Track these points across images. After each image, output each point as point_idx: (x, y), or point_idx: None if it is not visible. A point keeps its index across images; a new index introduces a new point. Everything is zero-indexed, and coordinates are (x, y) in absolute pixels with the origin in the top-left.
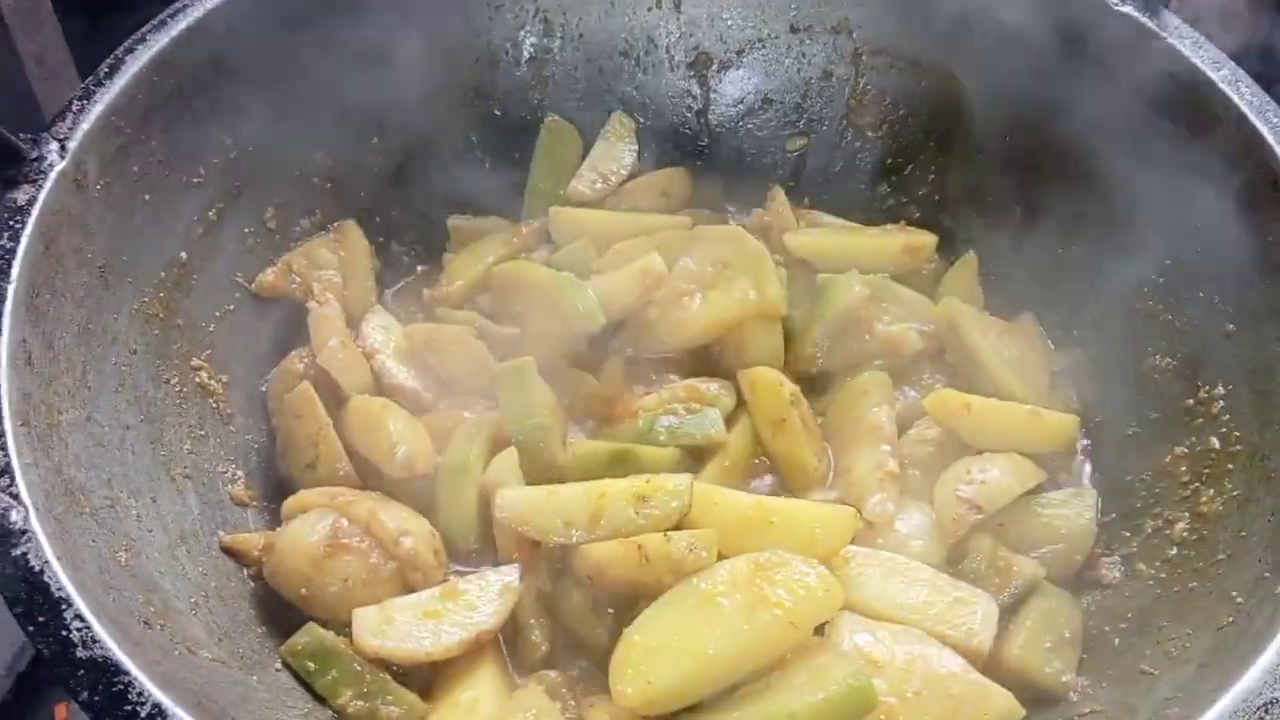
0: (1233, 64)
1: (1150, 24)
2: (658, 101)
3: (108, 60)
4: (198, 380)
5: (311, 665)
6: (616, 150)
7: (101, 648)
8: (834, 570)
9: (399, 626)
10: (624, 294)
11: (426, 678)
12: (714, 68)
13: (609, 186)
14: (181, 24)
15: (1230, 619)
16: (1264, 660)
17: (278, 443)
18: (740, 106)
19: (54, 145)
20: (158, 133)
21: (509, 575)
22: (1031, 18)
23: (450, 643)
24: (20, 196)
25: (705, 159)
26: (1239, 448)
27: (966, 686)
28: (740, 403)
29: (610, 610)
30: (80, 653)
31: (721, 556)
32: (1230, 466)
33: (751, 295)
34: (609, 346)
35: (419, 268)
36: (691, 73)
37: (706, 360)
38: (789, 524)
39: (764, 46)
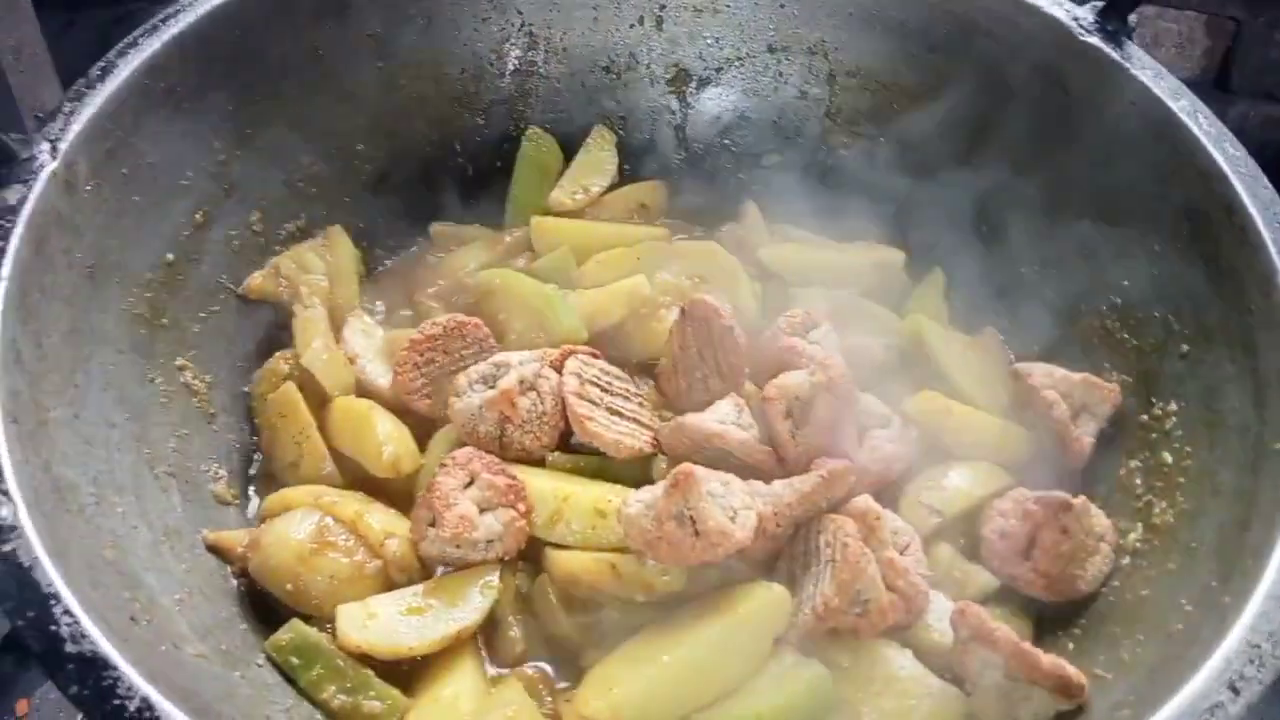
0: (1191, 94)
1: (1114, 55)
2: (637, 116)
3: (99, 63)
4: (182, 380)
5: (295, 661)
6: (597, 162)
7: (90, 643)
8: None
9: (382, 622)
10: (609, 312)
11: (408, 673)
12: (693, 85)
13: (589, 197)
14: (173, 29)
15: (1179, 626)
16: (1211, 665)
17: (261, 442)
18: (718, 123)
19: (45, 146)
20: (147, 135)
21: (489, 574)
22: (1001, 48)
23: (432, 639)
24: (11, 196)
25: (683, 173)
26: (1190, 463)
27: (924, 688)
28: None
29: (584, 610)
30: (70, 647)
31: None
32: (1181, 480)
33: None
34: None
35: (388, 261)
36: (671, 89)
37: None
38: None
39: (742, 65)
